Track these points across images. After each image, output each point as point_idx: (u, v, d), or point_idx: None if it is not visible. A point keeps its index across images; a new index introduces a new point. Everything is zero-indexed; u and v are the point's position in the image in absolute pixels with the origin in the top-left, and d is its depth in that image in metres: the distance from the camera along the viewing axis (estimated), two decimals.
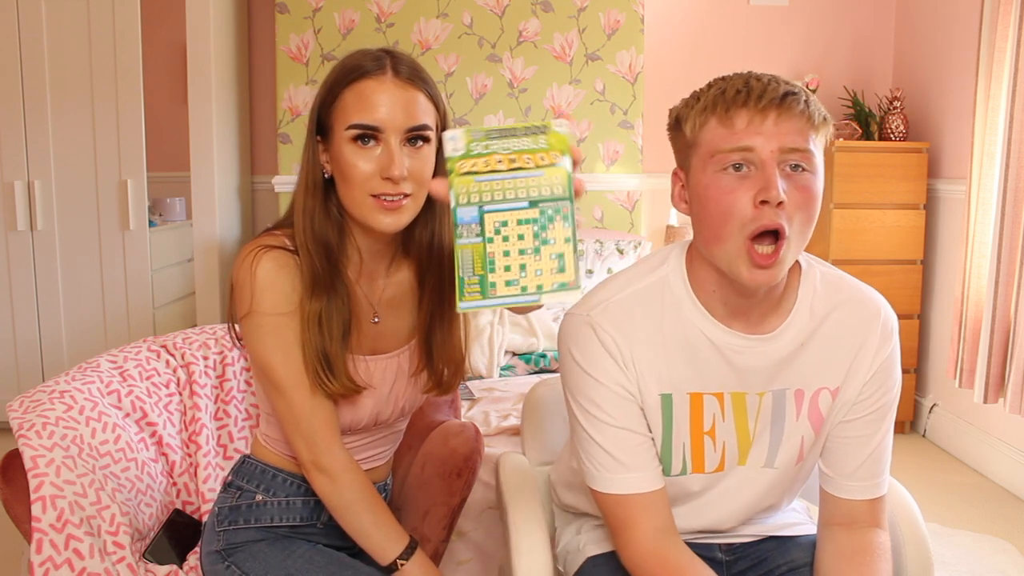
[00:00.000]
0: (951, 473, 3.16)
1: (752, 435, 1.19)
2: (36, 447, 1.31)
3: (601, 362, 1.14)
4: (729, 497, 1.23)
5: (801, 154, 1.03)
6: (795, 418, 1.18)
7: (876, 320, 1.17)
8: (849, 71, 3.89)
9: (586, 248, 3.47)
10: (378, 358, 1.27)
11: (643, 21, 3.69)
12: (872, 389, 1.18)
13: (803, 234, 1.05)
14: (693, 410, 1.17)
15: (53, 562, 1.24)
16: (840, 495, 1.21)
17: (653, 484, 1.16)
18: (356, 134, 1.13)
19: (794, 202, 1.03)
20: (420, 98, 1.17)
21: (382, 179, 1.13)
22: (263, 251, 1.17)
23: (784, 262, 1.04)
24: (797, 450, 1.20)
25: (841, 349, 1.17)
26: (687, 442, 1.18)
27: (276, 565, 1.23)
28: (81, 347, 3.43)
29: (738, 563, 1.29)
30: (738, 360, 1.14)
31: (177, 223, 3.82)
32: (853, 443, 1.19)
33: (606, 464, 1.15)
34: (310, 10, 3.61)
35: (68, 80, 3.33)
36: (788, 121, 1.02)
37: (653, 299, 1.16)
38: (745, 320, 1.14)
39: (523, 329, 2.65)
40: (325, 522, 1.31)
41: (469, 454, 1.47)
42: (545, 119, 0.95)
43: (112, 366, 1.53)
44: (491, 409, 2.17)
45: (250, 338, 1.19)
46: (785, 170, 1.03)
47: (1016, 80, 2.73)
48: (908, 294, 3.49)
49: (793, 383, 1.17)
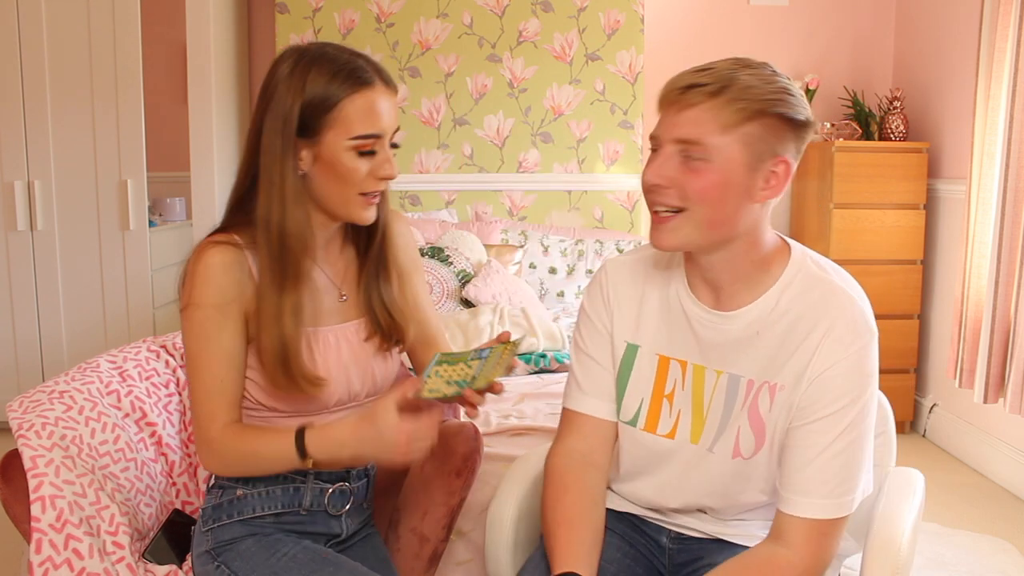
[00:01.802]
0: (951, 473, 3.16)
1: (705, 412, 1.24)
2: (35, 447, 1.31)
3: (594, 299, 1.33)
4: (675, 476, 1.27)
5: (693, 145, 1.10)
6: (741, 407, 1.21)
7: (834, 323, 1.14)
8: (849, 71, 3.89)
9: (586, 248, 3.47)
10: (333, 328, 1.32)
11: (643, 21, 3.69)
12: (817, 395, 1.14)
13: (701, 213, 1.12)
14: (659, 371, 1.27)
15: (52, 562, 1.24)
16: (779, 505, 1.17)
17: (597, 411, 1.31)
18: (360, 144, 1.21)
19: (683, 184, 1.12)
20: (396, 101, 1.27)
21: (376, 179, 1.24)
22: (210, 246, 1.23)
23: (676, 230, 1.14)
24: (733, 441, 1.22)
25: (790, 346, 1.16)
26: (647, 398, 1.28)
27: (261, 564, 1.25)
28: (81, 347, 3.43)
29: (680, 554, 1.33)
30: (702, 332, 1.23)
31: (177, 223, 3.82)
32: (796, 451, 1.16)
33: (570, 383, 1.34)
34: (310, 10, 3.61)
35: (68, 80, 3.33)
36: (687, 111, 1.11)
37: (656, 264, 1.29)
38: (715, 295, 1.22)
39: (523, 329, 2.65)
40: (307, 507, 1.33)
41: (469, 454, 1.47)
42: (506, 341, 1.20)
43: (112, 366, 1.53)
44: (491, 409, 2.17)
45: (186, 327, 1.24)
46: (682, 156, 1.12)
47: (1016, 80, 2.73)
48: (908, 294, 3.49)
49: (746, 371, 1.21)
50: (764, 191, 1.13)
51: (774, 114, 1.09)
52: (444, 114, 3.71)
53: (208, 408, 1.24)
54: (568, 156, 3.75)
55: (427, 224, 3.46)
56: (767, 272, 1.19)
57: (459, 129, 3.72)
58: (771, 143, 1.11)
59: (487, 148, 3.73)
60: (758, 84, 1.09)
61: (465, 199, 3.76)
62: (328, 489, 1.33)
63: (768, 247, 1.20)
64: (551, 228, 3.63)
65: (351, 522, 1.38)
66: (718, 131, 1.09)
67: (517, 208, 3.78)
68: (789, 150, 1.13)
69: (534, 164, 3.75)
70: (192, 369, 1.25)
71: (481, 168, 3.74)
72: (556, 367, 2.53)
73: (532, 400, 2.22)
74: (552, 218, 3.78)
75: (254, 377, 1.27)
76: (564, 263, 3.45)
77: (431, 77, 3.68)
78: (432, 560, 1.47)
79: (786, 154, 1.12)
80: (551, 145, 3.74)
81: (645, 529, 1.36)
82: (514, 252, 3.32)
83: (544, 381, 2.40)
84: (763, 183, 1.13)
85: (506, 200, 3.77)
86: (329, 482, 1.34)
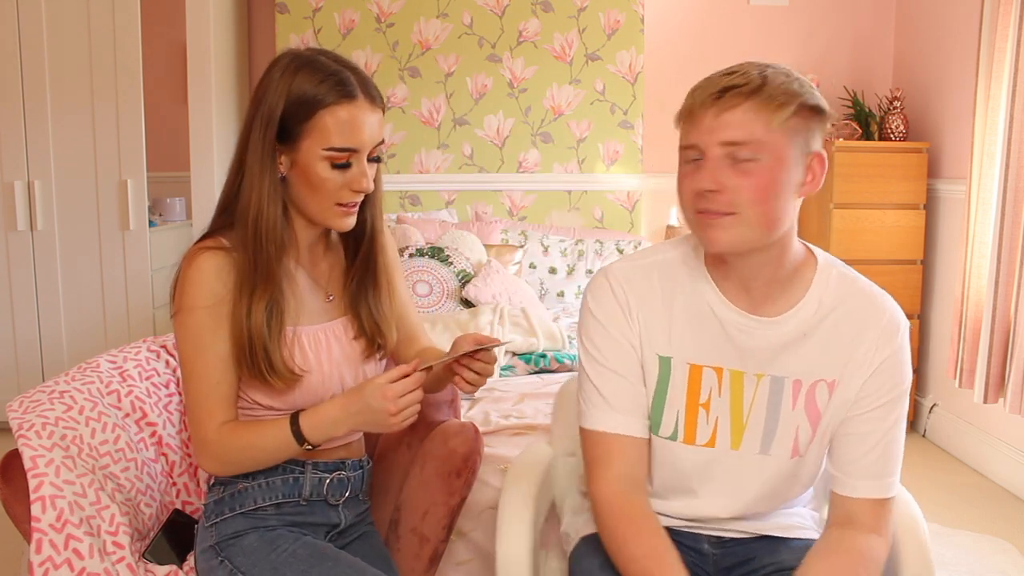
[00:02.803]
0: (951, 473, 3.16)
1: (746, 418, 1.23)
2: (36, 447, 1.31)
3: (609, 310, 1.25)
4: (726, 485, 1.25)
5: (741, 146, 1.10)
6: (791, 407, 1.22)
7: (880, 319, 1.21)
8: (849, 71, 3.89)
9: (586, 248, 3.47)
10: (319, 326, 1.35)
11: (643, 21, 3.70)
12: (875, 387, 1.20)
13: (755, 213, 1.12)
14: (691, 380, 1.23)
15: (53, 562, 1.24)
16: (842, 492, 1.23)
17: (633, 430, 1.24)
18: (334, 156, 1.22)
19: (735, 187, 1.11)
20: (380, 117, 1.27)
21: (351, 191, 1.25)
22: (201, 251, 1.25)
23: (731, 229, 1.13)
24: (792, 441, 1.23)
25: (842, 343, 1.21)
26: (681, 410, 1.24)
27: (262, 559, 1.27)
28: (81, 347, 3.43)
29: (725, 558, 1.30)
30: (740, 338, 1.21)
31: (177, 223, 3.82)
32: (856, 439, 1.22)
33: (595, 401, 1.25)
34: (310, 10, 3.61)
35: (68, 80, 3.33)
36: (728, 114, 1.10)
37: (672, 270, 1.26)
38: (749, 299, 1.20)
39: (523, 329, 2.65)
40: (307, 497, 1.35)
41: (469, 454, 1.47)
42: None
43: (112, 366, 1.53)
44: (491, 409, 2.17)
45: (179, 331, 1.26)
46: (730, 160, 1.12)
47: (1016, 80, 2.73)
48: (908, 294, 3.49)
49: (792, 372, 1.21)
50: (806, 185, 1.16)
51: (808, 105, 1.12)
52: (444, 114, 3.71)
53: (204, 409, 1.26)
54: (568, 156, 3.75)
55: (427, 224, 3.46)
56: (800, 275, 1.22)
57: (459, 129, 3.72)
58: (808, 135, 1.14)
59: (487, 148, 3.74)
60: (786, 79, 1.12)
61: (465, 199, 3.77)
62: (327, 479, 1.36)
63: (798, 249, 1.23)
64: (551, 228, 3.63)
65: (348, 513, 1.40)
66: (764, 128, 1.10)
67: (517, 208, 3.78)
68: (818, 141, 1.16)
69: (534, 164, 3.75)
70: (187, 372, 1.26)
71: (481, 168, 3.75)
72: (556, 367, 2.53)
73: (532, 400, 2.22)
74: (552, 218, 3.78)
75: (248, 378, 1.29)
76: (564, 263, 3.45)
77: (431, 77, 3.68)
78: (432, 560, 1.47)
79: (818, 146, 1.16)
80: (551, 145, 3.74)
81: (682, 540, 1.29)
82: (514, 252, 3.33)
83: (544, 381, 2.40)
84: (807, 177, 1.16)
85: (506, 200, 3.77)
86: (327, 472, 1.37)
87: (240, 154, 1.27)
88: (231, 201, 1.28)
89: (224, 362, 1.26)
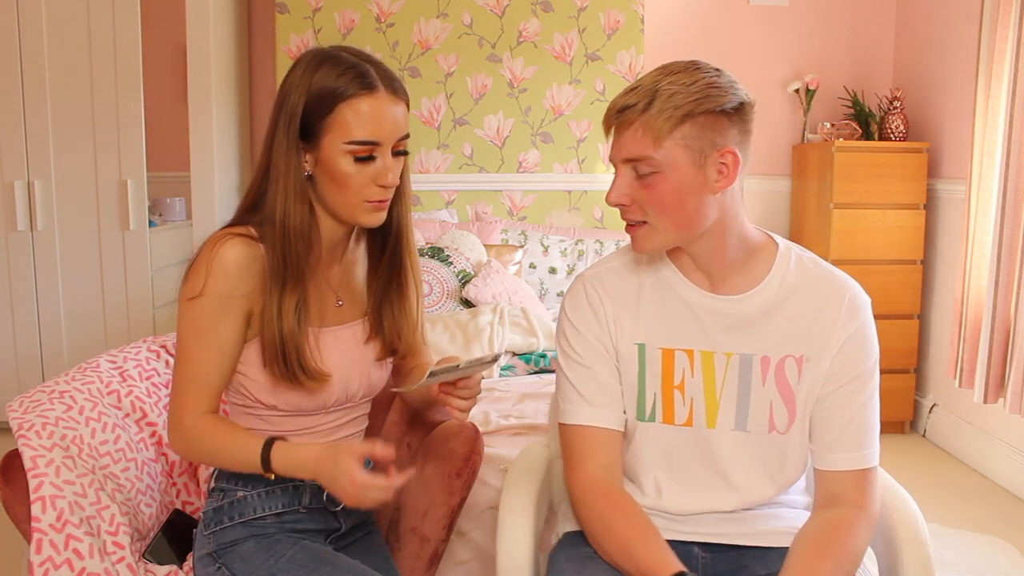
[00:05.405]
0: (951, 473, 3.16)
1: (719, 395, 1.27)
2: (36, 447, 1.31)
3: (583, 314, 1.32)
4: (712, 465, 1.28)
5: (640, 162, 1.18)
6: (761, 383, 1.26)
7: (842, 297, 1.26)
8: (849, 71, 3.89)
9: (586, 248, 3.48)
10: (334, 329, 1.34)
11: (643, 21, 3.70)
12: (843, 362, 1.25)
13: (664, 221, 1.20)
14: (665, 364, 1.29)
15: (53, 562, 1.24)
16: (823, 467, 1.26)
17: (610, 423, 1.30)
18: (356, 150, 1.21)
19: (642, 200, 1.20)
20: (404, 109, 1.25)
21: (377, 186, 1.23)
22: (228, 237, 1.23)
23: (646, 238, 1.23)
24: (766, 417, 1.26)
25: (806, 320, 1.26)
26: (658, 392, 1.29)
27: (260, 565, 1.26)
28: (81, 347, 3.43)
29: (716, 563, 1.30)
30: (707, 319, 1.27)
31: (177, 223, 3.82)
32: (832, 415, 1.26)
33: (571, 398, 1.31)
34: (310, 10, 3.61)
35: (68, 80, 3.33)
36: (622, 134, 1.19)
37: (639, 264, 1.33)
38: (710, 281, 1.27)
39: (523, 329, 2.66)
40: (307, 505, 1.34)
41: (469, 454, 1.48)
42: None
43: (112, 366, 1.53)
44: (491, 409, 2.17)
45: (185, 313, 1.24)
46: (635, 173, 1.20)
47: (1016, 80, 2.73)
48: (908, 294, 3.49)
49: (759, 349, 1.26)
50: (718, 182, 1.19)
51: (702, 112, 1.15)
52: (444, 114, 3.71)
53: (188, 395, 1.25)
54: (568, 156, 3.75)
55: (427, 224, 3.46)
56: (758, 258, 1.27)
57: (459, 129, 3.72)
58: (710, 138, 1.17)
59: (487, 148, 3.74)
60: (680, 89, 1.15)
61: (465, 199, 3.77)
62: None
63: (752, 234, 1.28)
64: (551, 228, 3.63)
65: (348, 518, 1.39)
66: (655, 143, 1.16)
67: (517, 208, 3.78)
68: (731, 137, 1.18)
69: (534, 164, 3.75)
70: (181, 355, 1.25)
71: (481, 168, 3.75)
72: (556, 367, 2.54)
73: (532, 400, 2.23)
74: (552, 218, 3.78)
75: (254, 375, 1.28)
76: (564, 263, 3.45)
77: (431, 77, 3.68)
78: (432, 560, 1.47)
79: (729, 143, 1.18)
80: (551, 145, 3.74)
81: (674, 549, 1.24)
82: (514, 252, 3.33)
83: (544, 381, 2.40)
84: (716, 175, 1.19)
85: (506, 200, 3.77)
86: None
87: (266, 153, 1.26)
88: (258, 200, 1.27)
89: (222, 354, 1.25)
